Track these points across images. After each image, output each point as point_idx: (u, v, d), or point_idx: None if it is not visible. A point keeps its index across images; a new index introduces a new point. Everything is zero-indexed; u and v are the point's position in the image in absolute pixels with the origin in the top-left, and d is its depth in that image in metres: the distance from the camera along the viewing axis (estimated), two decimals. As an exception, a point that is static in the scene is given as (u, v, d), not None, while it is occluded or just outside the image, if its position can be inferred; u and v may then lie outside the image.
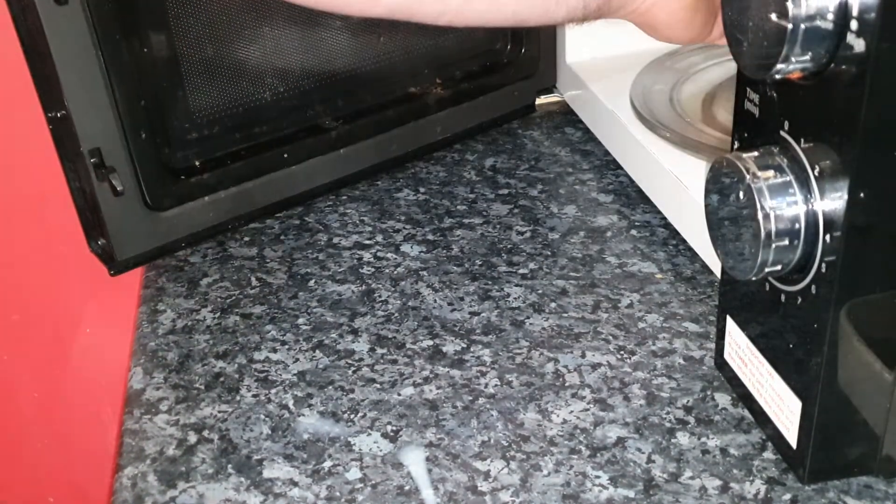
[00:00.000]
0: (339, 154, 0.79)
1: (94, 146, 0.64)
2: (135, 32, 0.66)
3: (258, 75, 0.74)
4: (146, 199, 0.68)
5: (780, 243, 0.44)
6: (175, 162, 0.71)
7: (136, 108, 0.66)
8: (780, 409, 0.51)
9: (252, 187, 0.75)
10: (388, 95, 0.82)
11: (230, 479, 0.54)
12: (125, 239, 0.68)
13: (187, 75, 0.70)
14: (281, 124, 0.76)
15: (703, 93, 0.78)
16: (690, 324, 0.63)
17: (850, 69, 0.40)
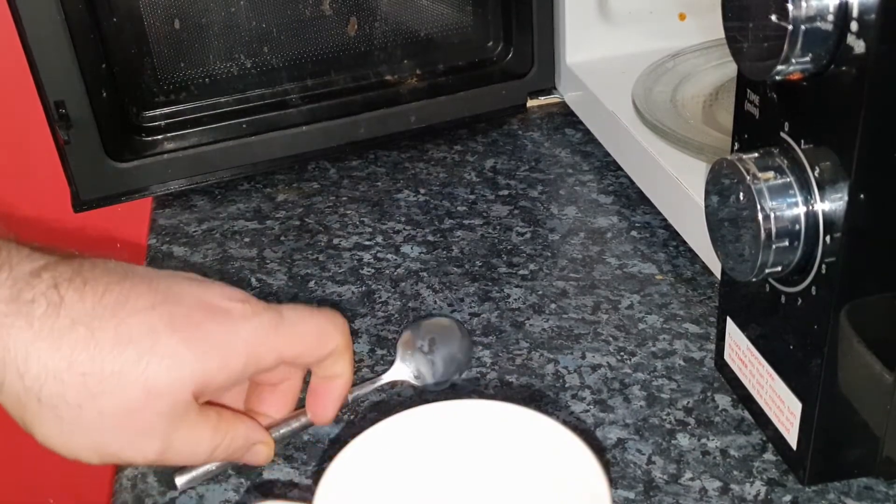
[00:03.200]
0: (301, 130, 0.83)
1: (59, 98, 0.74)
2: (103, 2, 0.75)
3: (227, 48, 0.81)
4: (106, 149, 0.78)
5: (781, 244, 0.44)
6: (141, 120, 0.80)
7: (99, 70, 0.76)
8: (781, 411, 0.51)
9: (210, 152, 0.81)
10: (360, 80, 0.84)
11: (230, 481, 0.53)
12: (87, 182, 0.78)
13: (155, 44, 0.78)
14: (246, 97, 0.83)
15: (704, 94, 0.78)
16: (691, 325, 0.63)
17: (850, 70, 0.40)
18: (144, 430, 0.44)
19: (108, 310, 0.43)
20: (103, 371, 0.43)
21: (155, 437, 0.45)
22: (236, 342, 0.46)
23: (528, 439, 0.44)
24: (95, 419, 0.43)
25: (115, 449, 0.44)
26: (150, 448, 0.45)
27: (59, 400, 0.42)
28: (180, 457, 0.47)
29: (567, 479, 0.42)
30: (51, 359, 0.42)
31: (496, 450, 0.45)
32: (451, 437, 0.45)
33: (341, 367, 0.51)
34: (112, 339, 0.43)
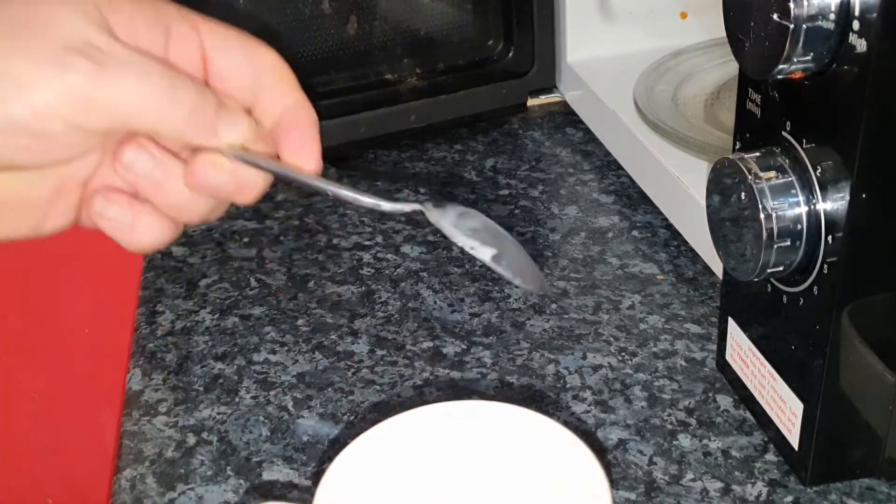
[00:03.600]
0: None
1: None
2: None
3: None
4: None
5: (782, 244, 0.44)
6: None
7: None
8: (782, 411, 0.50)
9: None
10: (360, 79, 0.84)
11: (229, 482, 0.53)
12: None
13: None
14: None
15: (706, 93, 0.78)
16: (692, 325, 0.63)
17: (852, 69, 0.40)
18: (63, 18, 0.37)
19: None
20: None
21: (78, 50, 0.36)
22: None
23: (529, 440, 0.44)
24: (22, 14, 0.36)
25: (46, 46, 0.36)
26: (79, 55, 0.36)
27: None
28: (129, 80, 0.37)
29: (568, 480, 0.42)
30: None
31: (497, 451, 0.45)
32: (452, 438, 0.45)
33: (291, 95, 0.45)
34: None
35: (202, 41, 0.41)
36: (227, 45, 0.42)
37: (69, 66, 0.36)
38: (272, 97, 0.44)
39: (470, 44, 0.87)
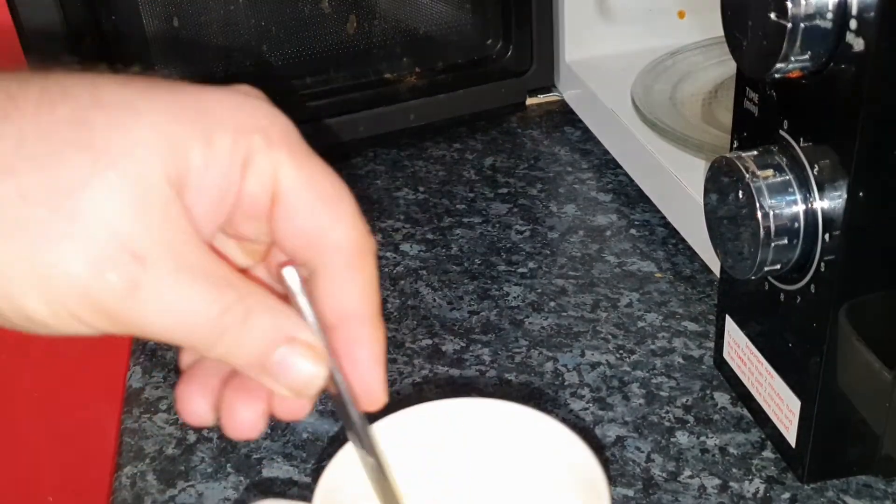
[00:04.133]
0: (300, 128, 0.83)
1: None
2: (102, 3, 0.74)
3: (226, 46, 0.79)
4: None
5: (779, 242, 0.44)
6: None
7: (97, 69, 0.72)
8: (780, 409, 0.51)
9: None
10: (359, 78, 0.84)
11: (229, 479, 0.53)
12: None
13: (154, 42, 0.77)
14: None
15: (704, 92, 0.78)
16: (690, 323, 0.63)
17: (849, 68, 0.40)
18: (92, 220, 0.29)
19: (36, 75, 0.31)
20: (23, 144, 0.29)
21: (114, 240, 0.29)
22: (220, 107, 0.32)
23: (528, 437, 0.44)
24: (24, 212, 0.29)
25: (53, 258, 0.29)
26: (116, 263, 0.29)
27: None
28: (164, 305, 0.30)
29: (567, 478, 0.42)
30: None
31: (495, 448, 0.45)
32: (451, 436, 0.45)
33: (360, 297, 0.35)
34: (35, 100, 0.30)
35: (278, 181, 0.33)
36: (301, 199, 0.33)
37: (102, 278, 0.29)
38: (335, 287, 0.35)
39: (469, 43, 0.87)
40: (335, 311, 0.34)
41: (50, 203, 0.29)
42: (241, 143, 0.32)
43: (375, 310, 0.35)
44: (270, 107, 0.34)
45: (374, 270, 0.35)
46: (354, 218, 0.34)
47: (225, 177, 0.32)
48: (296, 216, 0.33)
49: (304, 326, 0.33)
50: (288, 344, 0.32)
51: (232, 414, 0.35)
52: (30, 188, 0.29)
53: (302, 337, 0.33)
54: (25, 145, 0.29)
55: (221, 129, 0.31)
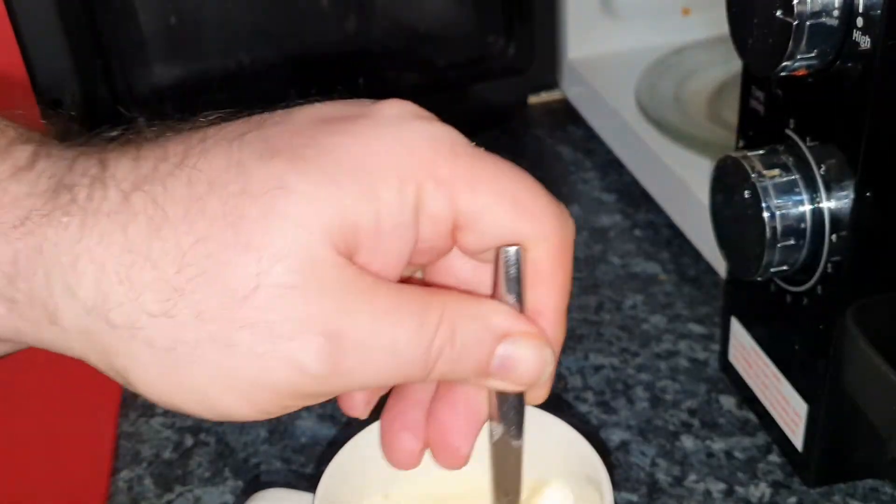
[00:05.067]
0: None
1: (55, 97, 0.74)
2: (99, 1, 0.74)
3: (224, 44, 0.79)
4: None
5: (786, 243, 0.44)
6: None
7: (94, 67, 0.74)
8: (786, 412, 0.50)
9: None
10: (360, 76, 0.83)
11: (227, 483, 0.53)
12: None
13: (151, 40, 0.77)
14: (243, 94, 0.81)
15: (709, 90, 0.77)
16: (695, 325, 0.62)
17: (856, 66, 0.39)
18: (277, 323, 0.28)
19: (173, 159, 0.29)
20: (181, 255, 0.28)
21: (304, 331, 0.28)
22: (379, 154, 0.30)
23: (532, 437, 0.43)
24: (200, 333, 0.28)
25: (254, 373, 0.29)
26: (307, 351, 0.28)
27: (135, 316, 0.28)
28: (370, 361, 0.30)
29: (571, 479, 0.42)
30: (109, 257, 0.28)
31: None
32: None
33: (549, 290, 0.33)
34: (182, 201, 0.29)
35: (458, 211, 0.31)
36: (489, 218, 0.32)
37: (306, 373, 0.29)
38: (535, 283, 0.33)
39: (470, 40, 0.86)
40: (530, 305, 0.33)
41: (226, 316, 0.28)
42: (408, 191, 0.30)
43: (566, 306, 0.34)
44: (429, 126, 0.32)
45: (572, 262, 0.34)
46: (550, 210, 0.33)
47: (398, 228, 0.30)
48: (486, 232, 0.32)
49: (515, 316, 0.32)
50: (503, 342, 0.32)
51: (397, 443, 0.35)
52: (202, 305, 0.28)
53: (516, 329, 0.32)
54: (187, 260, 0.28)
55: (384, 182, 0.30)
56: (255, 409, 0.30)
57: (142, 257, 0.28)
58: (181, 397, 0.30)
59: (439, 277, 0.35)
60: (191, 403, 0.30)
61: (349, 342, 0.29)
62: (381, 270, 0.31)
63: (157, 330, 0.28)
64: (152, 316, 0.28)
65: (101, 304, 0.28)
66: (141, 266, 0.28)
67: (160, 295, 0.28)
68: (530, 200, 0.32)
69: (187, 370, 0.29)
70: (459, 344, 0.31)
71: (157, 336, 0.28)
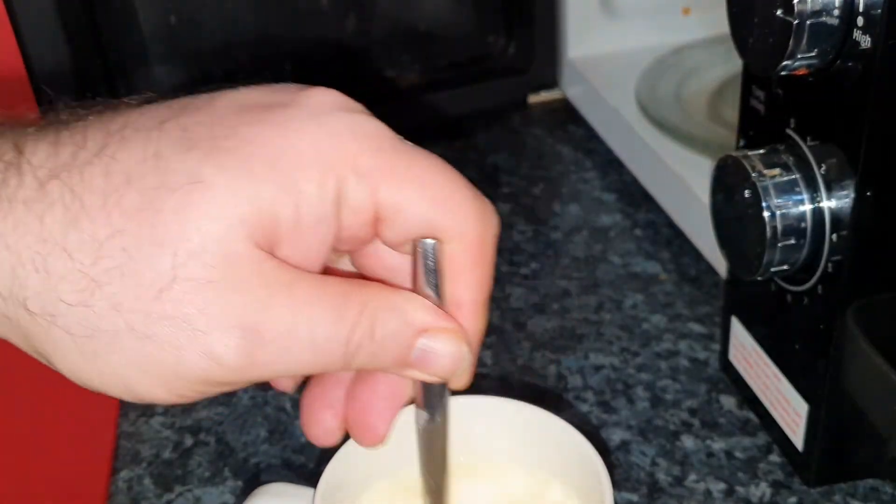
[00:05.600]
0: None
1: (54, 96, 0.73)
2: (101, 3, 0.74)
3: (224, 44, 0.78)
4: None
5: (786, 242, 0.44)
6: None
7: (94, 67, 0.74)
8: (787, 412, 0.50)
9: None
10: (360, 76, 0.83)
11: (227, 483, 0.53)
12: None
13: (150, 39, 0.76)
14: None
15: (709, 90, 0.77)
16: (695, 325, 0.62)
17: (856, 66, 0.39)
18: (193, 317, 0.29)
19: (92, 148, 0.29)
20: (97, 247, 0.28)
21: (220, 325, 0.29)
22: (299, 146, 0.30)
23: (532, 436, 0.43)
24: (117, 323, 0.29)
25: (172, 362, 0.29)
26: (223, 344, 0.29)
27: (53, 304, 0.29)
28: (288, 353, 0.30)
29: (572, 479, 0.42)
30: (24, 246, 0.28)
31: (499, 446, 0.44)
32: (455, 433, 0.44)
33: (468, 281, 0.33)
34: (99, 192, 0.29)
35: (379, 203, 0.31)
36: (409, 211, 0.32)
37: (222, 364, 0.29)
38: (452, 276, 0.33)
39: (470, 39, 0.86)
40: (449, 297, 0.33)
41: (143, 308, 0.28)
42: (328, 183, 0.30)
43: (487, 298, 0.34)
44: (353, 117, 0.32)
45: (493, 257, 0.34)
46: (470, 205, 0.33)
47: (318, 220, 0.30)
48: (406, 225, 0.32)
49: (433, 310, 0.33)
50: (422, 336, 0.32)
51: (316, 421, 0.36)
52: (119, 297, 0.28)
53: (435, 324, 0.32)
54: (103, 252, 0.28)
55: (304, 174, 0.30)
56: (173, 394, 0.30)
57: (58, 247, 0.28)
58: (102, 381, 0.30)
59: (367, 262, 0.35)
60: (111, 387, 0.30)
61: (266, 335, 0.29)
62: (303, 262, 0.31)
63: (75, 318, 0.29)
64: (69, 305, 0.28)
65: (18, 291, 0.29)
66: (57, 256, 0.28)
67: (76, 285, 0.28)
68: (450, 195, 0.32)
69: (106, 357, 0.29)
70: (379, 337, 0.31)
71: (74, 324, 0.29)
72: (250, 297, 0.29)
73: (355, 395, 0.35)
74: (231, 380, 0.30)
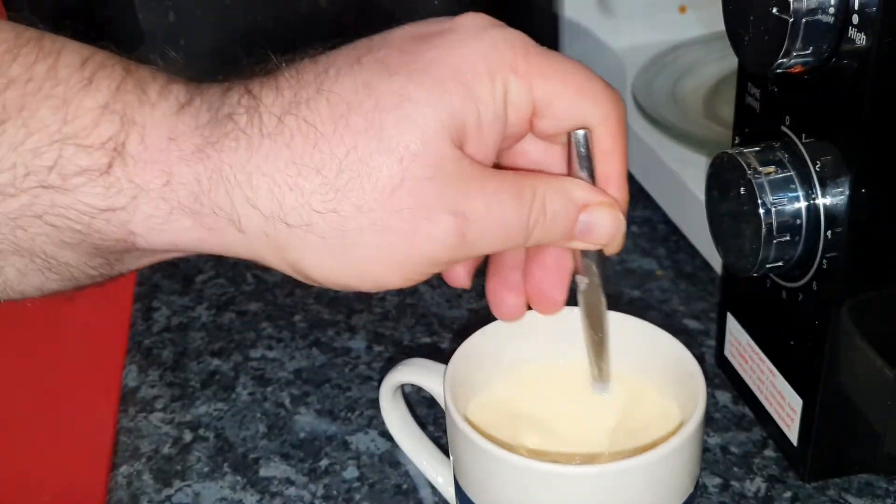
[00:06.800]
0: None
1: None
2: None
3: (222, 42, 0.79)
4: None
5: (781, 239, 0.44)
6: None
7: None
8: (781, 407, 0.50)
9: None
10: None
11: (226, 478, 0.53)
12: None
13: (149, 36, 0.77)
14: None
15: (705, 88, 0.77)
16: (691, 321, 0.62)
17: (851, 64, 0.40)
18: (419, 208, 0.35)
19: (309, 87, 0.36)
20: (338, 163, 0.35)
21: (439, 213, 0.36)
22: (470, 60, 0.36)
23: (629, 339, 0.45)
24: (361, 222, 0.35)
25: (405, 247, 0.36)
26: (443, 228, 0.36)
27: (307, 215, 0.35)
28: (487, 233, 0.37)
29: (664, 373, 0.44)
30: (276, 171, 0.35)
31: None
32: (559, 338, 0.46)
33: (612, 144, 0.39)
34: (328, 120, 0.35)
35: (536, 99, 0.38)
36: (560, 103, 0.38)
37: (445, 246, 0.36)
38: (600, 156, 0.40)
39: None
40: (599, 175, 0.40)
41: (381, 206, 0.35)
42: (497, 86, 0.36)
43: (626, 171, 0.40)
44: (503, 31, 0.38)
45: (627, 137, 0.40)
46: (608, 93, 0.39)
47: (494, 118, 0.37)
48: (559, 116, 0.38)
49: (590, 188, 0.39)
50: (584, 211, 0.39)
51: (502, 301, 0.44)
52: (361, 200, 0.35)
53: (593, 199, 0.39)
54: (343, 166, 0.35)
55: (479, 81, 0.36)
56: (403, 277, 0.37)
57: (306, 168, 0.35)
58: (345, 274, 0.37)
59: (513, 160, 0.41)
60: (352, 279, 0.37)
61: (471, 218, 0.36)
62: (483, 158, 0.37)
63: (327, 224, 0.35)
64: (321, 213, 0.35)
65: (278, 210, 0.35)
66: (307, 175, 0.35)
67: (325, 196, 0.35)
68: (590, 86, 0.38)
69: (353, 252, 0.36)
70: (550, 214, 0.38)
71: (327, 229, 0.35)
72: (457, 189, 0.36)
73: (530, 274, 0.43)
74: (449, 258, 0.37)
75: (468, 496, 0.42)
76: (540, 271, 0.43)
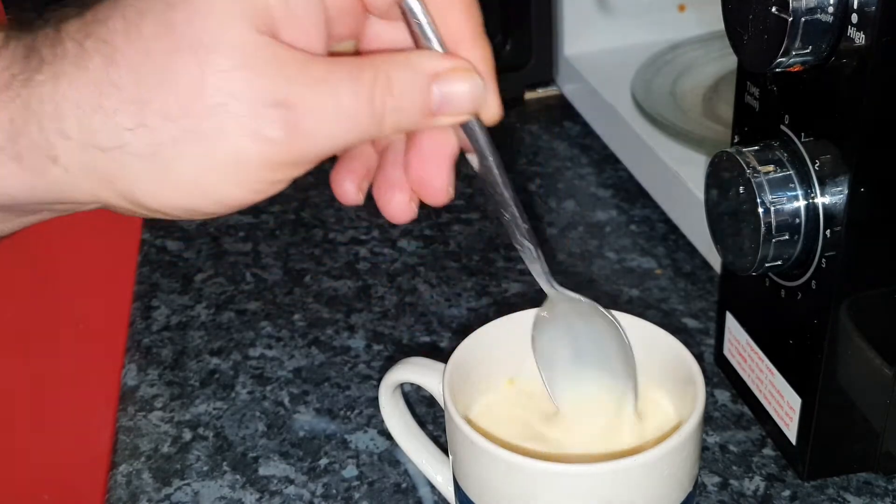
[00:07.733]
0: None
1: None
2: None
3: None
4: None
5: (780, 238, 0.44)
6: None
7: None
8: (780, 406, 0.50)
9: None
10: None
11: (225, 477, 0.53)
12: None
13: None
14: None
15: (704, 87, 0.77)
16: (690, 320, 0.62)
17: (850, 63, 0.40)
18: (232, 102, 0.33)
19: (107, 7, 0.34)
20: (135, 74, 0.33)
21: (256, 105, 0.33)
22: None
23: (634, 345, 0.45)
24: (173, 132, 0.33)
25: (230, 151, 0.33)
26: (266, 121, 0.33)
27: (118, 135, 0.33)
28: (324, 122, 0.34)
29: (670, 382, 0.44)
30: (80, 95, 0.33)
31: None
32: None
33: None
34: (122, 32, 0.33)
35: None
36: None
37: (270, 141, 0.33)
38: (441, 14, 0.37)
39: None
40: (446, 38, 0.36)
41: (188, 110, 0.33)
42: None
43: (481, 27, 0.37)
44: None
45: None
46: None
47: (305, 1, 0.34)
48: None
49: (438, 56, 0.36)
50: (436, 80, 0.35)
51: (388, 201, 0.39)
52: (166, 107, 0.33)
53: (443, 66, 0.35)
54: (141, 76, 0.33)
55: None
56: (248, 189, 0.34)
57: (106, 85, 0.33)
58: (180, 195, 0.34)
59: (372, 47, 0.38)
60: (191, 199, 0.34)
61: (298, 107, 0.33)
62: (308, 46, 0.34)
63: (139, 140, 0.33)
64: (130, 129, 0.33)
65: (88, 135, 0.33)
66: (108, 93, 0.33)
67: (130, 109, 0.33)
68: None
69: (177, 167, 0.33)
70: (398, 92, 0.34)
71: (140, 146, 0.33)
72: (272, 77, 0.33)
73: (410, 165, 0.38)
74: (288, 157, 0.34)
75: (467, 495, 0.42)
76: (417, 160, 0.38)
